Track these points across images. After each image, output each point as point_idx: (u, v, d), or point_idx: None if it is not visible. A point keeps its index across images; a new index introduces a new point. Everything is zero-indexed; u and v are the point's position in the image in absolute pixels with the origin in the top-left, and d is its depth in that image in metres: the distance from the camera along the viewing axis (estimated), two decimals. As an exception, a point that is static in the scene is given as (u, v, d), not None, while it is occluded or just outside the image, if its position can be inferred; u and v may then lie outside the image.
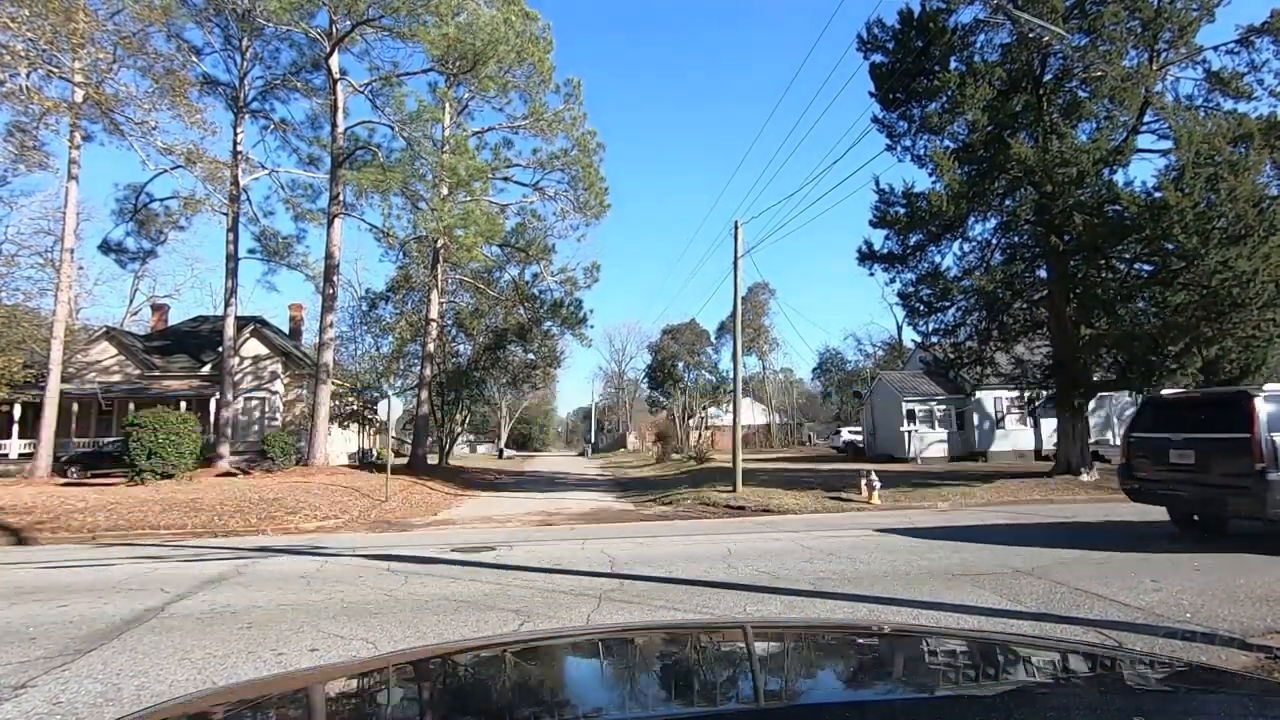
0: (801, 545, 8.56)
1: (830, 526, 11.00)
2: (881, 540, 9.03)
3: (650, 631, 2.49)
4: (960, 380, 21.43)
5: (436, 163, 21.68)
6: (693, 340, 58.08)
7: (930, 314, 19.91)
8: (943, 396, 29.03)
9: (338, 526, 13.40)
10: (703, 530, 11.03)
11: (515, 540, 9.89)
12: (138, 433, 17.68)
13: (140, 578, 7.17)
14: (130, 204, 25.42)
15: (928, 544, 8.57)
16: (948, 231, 18.57)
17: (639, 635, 2.13)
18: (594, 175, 27.79)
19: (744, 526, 11.57)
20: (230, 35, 25.04)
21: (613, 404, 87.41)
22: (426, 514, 15.34)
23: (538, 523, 13.44)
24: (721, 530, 10.91)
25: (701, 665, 1.62)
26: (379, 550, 9.07)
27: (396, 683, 1.53)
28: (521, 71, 25.90)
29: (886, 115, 18.92)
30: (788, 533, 10.00)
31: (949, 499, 15.67)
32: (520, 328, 28.87)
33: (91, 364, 30.88)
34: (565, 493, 20.82)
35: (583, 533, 11.00)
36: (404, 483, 20.02)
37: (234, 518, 13.34)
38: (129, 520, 12.86)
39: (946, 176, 16.33)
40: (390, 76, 21.54)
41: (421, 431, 26.66)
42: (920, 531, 9.91)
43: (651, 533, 10.76)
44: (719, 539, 9.54)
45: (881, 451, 30.73)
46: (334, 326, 24.32)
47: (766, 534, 10.07)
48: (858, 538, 9.30)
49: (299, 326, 38.12)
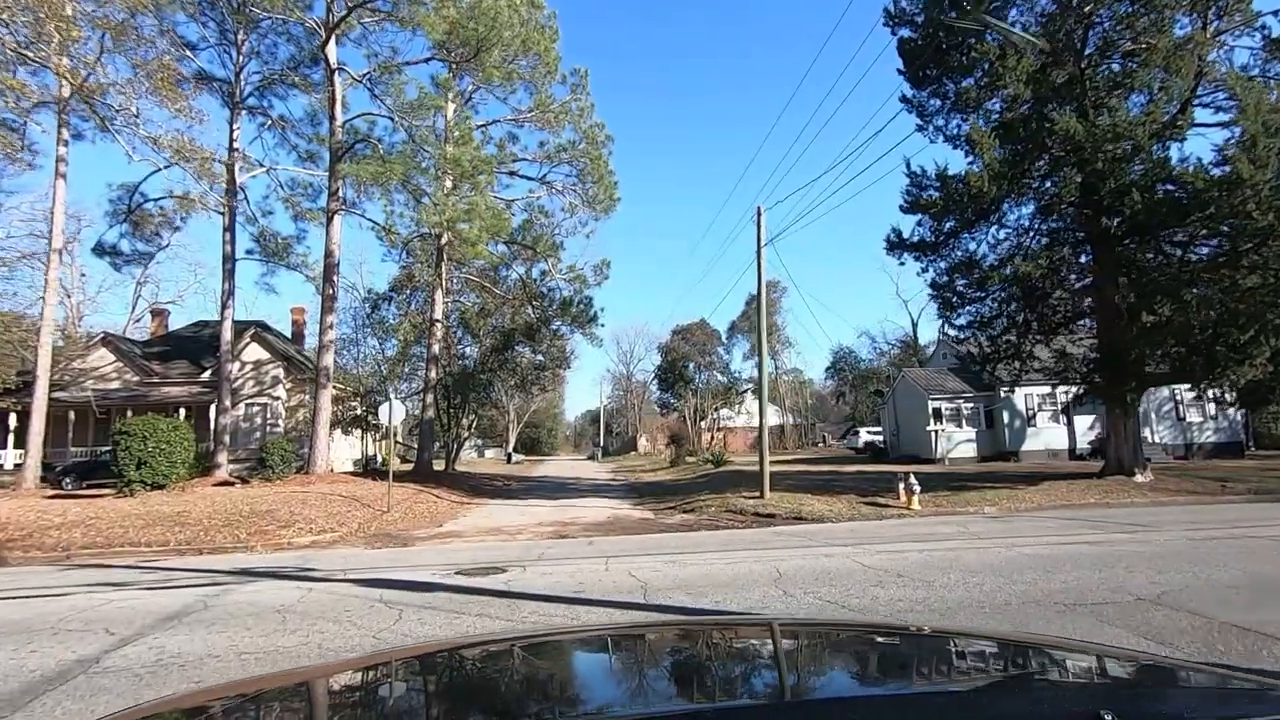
0: (860, 564, 7.39)
1: (881, 539, 9.82)
2: (951, 556, 7.85)
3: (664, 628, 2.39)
4: (995, 376, 20.14)
5: (439, 154, 20.63)
6: (703, 340, 56.93)
7: (964, 306, 18.71)
8: (970, 394, 27.75)
9: (333, 541, 12.33)
10: (739, 544, 9.87)
11: (528, 559, 8.76)
12: (126, 441, 16.68)
13: (88, 614, 6.08)
14: (124, 205, 24.51)
15: (1006, 559, 7.39)
16: (983, 217, 17.36)
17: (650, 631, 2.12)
18: (603, 168, 26.71)
19: (782, 538, 10.40)
20: (225, 29, 24.17)
21: (620, 407, 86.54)
22: (430, 525, 14.24)
23: (551, 535, 12.33)
24: (759, 543, 9.75)
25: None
26: (373, 573, 7.97)
27: (401, 677, 1.48)
28: (527, 62, 24.89)
29: (916, 94, 17.74)
30: (838, 547, 8.82)
31: (995, 503, 14.45)
32: (528, 327, 27.75)
33: (89, 371, 30.04)
34: (578, 500, 19.69)
35: (603, 548, 9.86)
36: (408, 491, 18.95)
37: (222, 532, 12.29)
38: (107, 537, 11.83)
39: (986, 155, 15.14)
40: (390, 64, 20.53)
41: (427, 436, 25.60)
42: (988, 544, 8.72)
43: (679, 547, 9.61)
44: (760, 556, 8.38)
45: (905, 452, 29.46)
46: (335, 328, 23.31)
47: (814, 549, 8.90)
48: (922, 553, 8.10)
49: (301, 331, 37.18)
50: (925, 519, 13.15)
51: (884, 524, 12.57)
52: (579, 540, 11.28)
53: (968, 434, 27.59)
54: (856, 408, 60.79)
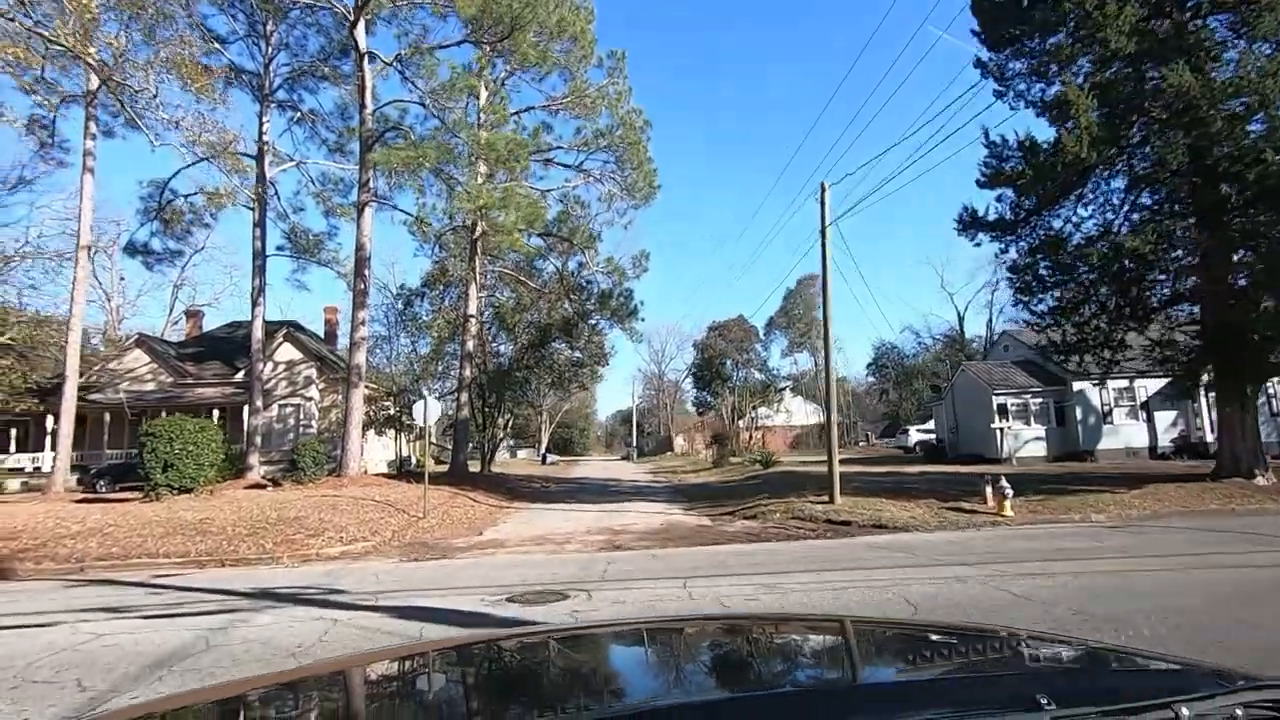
0: (1010, 593, 5.91)
1: (1002, 555, 8.29)
2: (1118, 582, 6.33)
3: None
4: (1081, 368, 18.21)
5: (472, 138, 19.55)
6: (740, 337, 55.20)
7: (1047, 290, 16.97)
8: (1039, 388, 25.76)
9: (365, 551, 11.23)
10: (830, 560, 8.45)
11: (589, 579, 7.45)
12: (152, 443, 15.87)
13: (65, 655, 4.95)
14: (154, 202, 24.02)
15: (1196, 585, 5.87)
16: (1071, 190, 15.63)
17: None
18: (642, 154, 25.40)
19: (877, 553, 8.95)
20: (254, 21, 23.57)
21: (652, 406, 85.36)
22: (469, 533, 13.08)
23: (603, 545, 11.05)
24: (855, 560, 8.32)
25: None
26: (410, 597, 6.76)
27: (438, 668, 1.47)
28: (561, 46, 23.74)
29: (994, 57, 16.06)
30: (959, 566, 7.35)
31: (1101, 509, 12.76)
32: (565, 322, 26.54)
33: (125, 372, 29.78)
34: (623, 503, 18.41)
35: (673, 564, 8.53)
36: (444, 494, 17.86)
37: (246, 542, 11.28)
38: (123, 547, 10.89)
39: (1083, 117, 13.41)
40: (421, 45, 19.48)
41: (462, 437, 24.56)
42: (1145, 564, 7.16)
43: (759, 563, 8.23)
44: (870, 579, 6.95)
45: (966, 451, 27.54)
46: (367, 325, 22.40)
47: (930, 569, 7.44)
48: (1076, 577, 6.57)
49: (334, 330, 36.63)
50: (1026, 527, 11.57)
51: (983, 534, 11.03)
52: (637, 552, 9.97)
53: (1036, 431, 25.60)
54: (900, 405, 58.46)
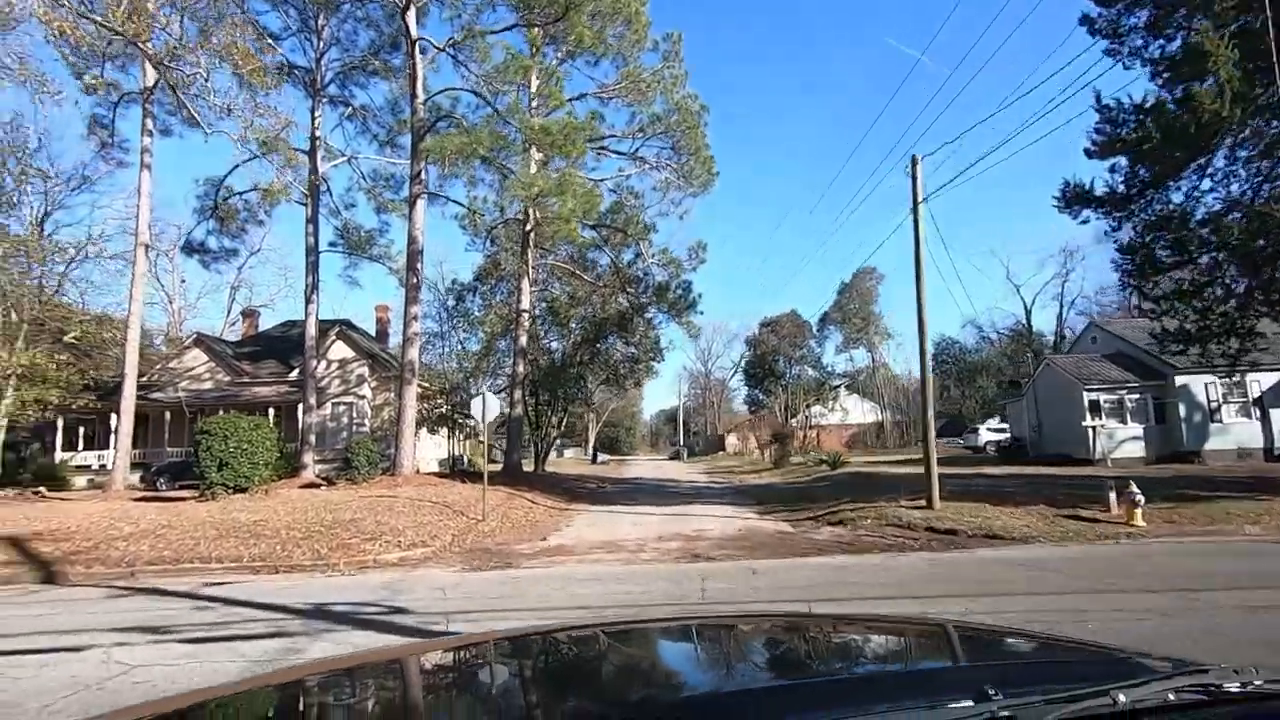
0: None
1: (1181, 579, 6.89)
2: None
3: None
4: (1203, 358, 16.27)
5: (525, 124, 18.72)
6: (793, 333, 53.54)
7: (1162, 272, 15.22)
8: (1135, 383, 23.62)
9: (425, 557, 10.41)
10: (973, 582, 7.17)
11: (688, 601, 6.37)
12: (207, 441, 15.52)
13: (89, 695, 4.11)
14: (210, 200, 24.05)
15: None
16: (1195, 159, 13.88)
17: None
18: (699, 140, 24.25)
19: (1013, 570, 7.62)
20: (306, 16, 23.38)
21: (698, 405, 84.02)
22: (533, 538, 12.17)
23: (680, 552, 9.98)
24: (996, 582, 7.03)
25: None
26: (480, 618, 5.81)
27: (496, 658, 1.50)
28: (614, 31, 22.80)
29: (1104, 13, 14.43)
30: (1151, 595, 6.00)
31: (1254, 519, 11.06)
32: (621, 317, 25.58)
33: (184, 371, 30.15)
34: (687, 506, 17.30)
35: (776, 579, 7.39)
36: (500, 494, 17.07)
37: (301, 546, 10.59)
38: (176, 550, 10.31)
39: (1223, 70, 11.73)
40: (473, 29, 18.73)
41: (516, 435, 23.84)
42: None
43: (883, 583, 7.03)
44: (1035, 606, 5.68)
45: (1051, 451, 25.49)
46: (419, 320, 21.86)
47: (1110, 596, 6.11)
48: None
49: (385, 329, 36.59)
50: (1168, 541, 10.03)
51: (1122, 548, 9.55)
52: (727, 565, 8.84)
53: (1133, 430, 23.46)
54: (962, 403, 55.80)
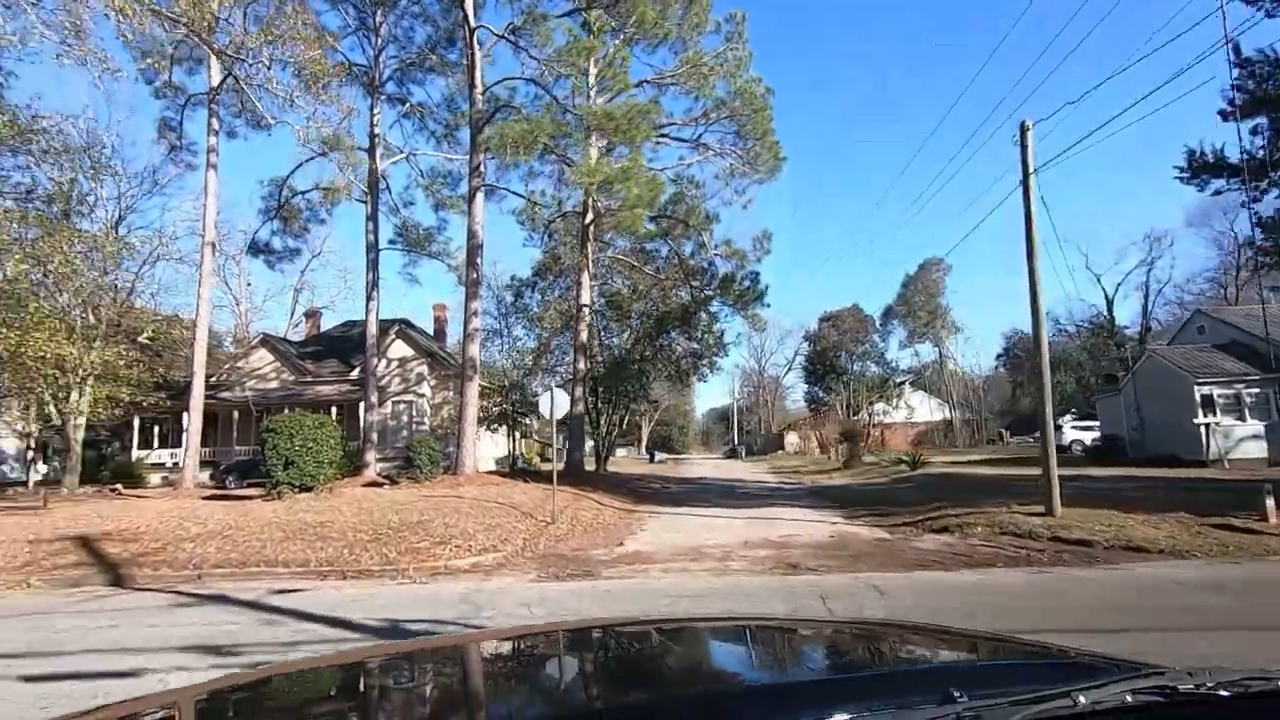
0: None
1: None
2: None
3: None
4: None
5: (586, 111, 17.99)
6: (855, 328, 51.59)
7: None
8: (1255, 376, 21.35)
9: (498, 564, 9.72)
10: (1154, 614, 5.98)
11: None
12: (273, 440, 15.27)
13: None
14: (274, 201, 24.28)
15: None
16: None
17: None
18: (765, 123, 23.12)
19: (1201, 595, 6.37)
20: (364, 14, 23.34)
21: (751, 404, 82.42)
22: (608, 543, 11.36)
23: (773, 562, 9.01)
24: (1188, 612, 5.82)
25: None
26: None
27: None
28: (674, 12, 21.88)
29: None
30: None
31: None
32: (684, 310, 24.63)
33: (250, 371, 30.69)
34: (763, 509, 16.25)
35: (902, 601, 6.34)
36: (565, 495, 16.34)
37: (368, 550, 10.05)
38: (243, 552, 9.90)
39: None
40: (534, 12, 18.09)
41: (578, 433, 23.17)
42: None
43: (1049, 608, 5.90)
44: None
45: (1156, 451, 23.33)
46: (479, 316, 21.40)
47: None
48: None
49: (443, 328, 36.64)
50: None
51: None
52: (833, 579, 7.81)
53: (1253, 428, 21.20)
54: (1035, 399, 52.70)
